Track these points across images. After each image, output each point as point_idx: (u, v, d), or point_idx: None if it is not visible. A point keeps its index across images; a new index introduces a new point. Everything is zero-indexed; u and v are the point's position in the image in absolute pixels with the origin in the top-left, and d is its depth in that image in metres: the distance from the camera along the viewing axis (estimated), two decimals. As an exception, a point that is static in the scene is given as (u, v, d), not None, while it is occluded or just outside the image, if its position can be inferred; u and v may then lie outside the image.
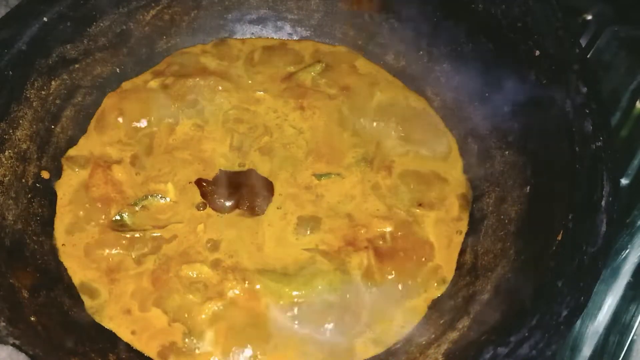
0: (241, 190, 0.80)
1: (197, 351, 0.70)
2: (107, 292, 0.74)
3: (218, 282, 0.73)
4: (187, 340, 0.70)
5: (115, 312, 0.72)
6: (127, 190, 0.80)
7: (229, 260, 0.75)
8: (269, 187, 0.81)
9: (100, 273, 0.75)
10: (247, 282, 0.73)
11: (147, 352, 0.70)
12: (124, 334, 0.71)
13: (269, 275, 0.73)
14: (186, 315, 0.71)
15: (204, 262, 0.74)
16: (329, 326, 0.71)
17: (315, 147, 0.84)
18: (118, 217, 0.78)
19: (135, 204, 0.79)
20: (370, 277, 0.74)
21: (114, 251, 0.76)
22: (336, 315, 0.71)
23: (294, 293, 0.72)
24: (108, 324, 0.72)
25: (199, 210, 0.79)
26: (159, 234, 0.77)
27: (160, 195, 0.80)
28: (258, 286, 0.73)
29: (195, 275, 0.74)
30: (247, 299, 0.72)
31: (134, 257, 0.76)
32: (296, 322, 0.71)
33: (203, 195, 0.80)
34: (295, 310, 0.71)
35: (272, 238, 0.77)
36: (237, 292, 0.72)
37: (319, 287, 0.72)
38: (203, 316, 0.71)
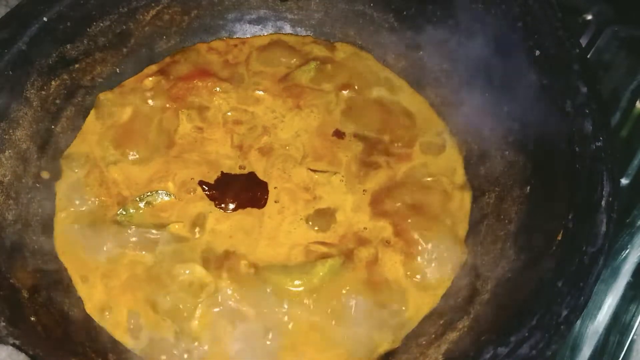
0: (242, 193, 0.80)
1: (188, 349, 0.70)
2: (106, 291, 0.74)
3: (213, 279, 0.73)
4: (178, 338, 0.70)
5: (113, 310, 0.72)
6: (125, 190, 0.80)
7: (228, 257, 0.75)
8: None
9: (100, 271, 0.75)
10: (245, 277, 0.73)
11: (141, 349, 0.70)
12: (122, 333, 0.71)
13: (269, 269, 0.73)
14: (180, 314, 0.71)
15: (200, 259, 0.74)
16: (330, 320, 0.71)
17: (311, 147, 0.84)
18: (123, 212, 0.78)
19: (139, 200, 0.79)
20: (376, 266, 0.74)
21: (113, 249, 0.76)
22: (337, 307, 0.71)
23: (296, 282, 0.72)
24: (106, 323, 0.72)
25: (199, 208, 0.79)
26: (160, 231, 0.77)
27: (164, 192, 0.80)
28: (257, 281, 0.73)
29: (189, 274, 0.73)
30: (245, 293, 0.72)
31: (133, 254, 0.76)
32: (295, 317, 0.71)
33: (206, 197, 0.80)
34: (294, 302, 0.71)
35: (271, 236, 0.77)
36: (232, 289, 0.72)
37: (321, 274, 0.72)
38: (196, 314, 0.71)
